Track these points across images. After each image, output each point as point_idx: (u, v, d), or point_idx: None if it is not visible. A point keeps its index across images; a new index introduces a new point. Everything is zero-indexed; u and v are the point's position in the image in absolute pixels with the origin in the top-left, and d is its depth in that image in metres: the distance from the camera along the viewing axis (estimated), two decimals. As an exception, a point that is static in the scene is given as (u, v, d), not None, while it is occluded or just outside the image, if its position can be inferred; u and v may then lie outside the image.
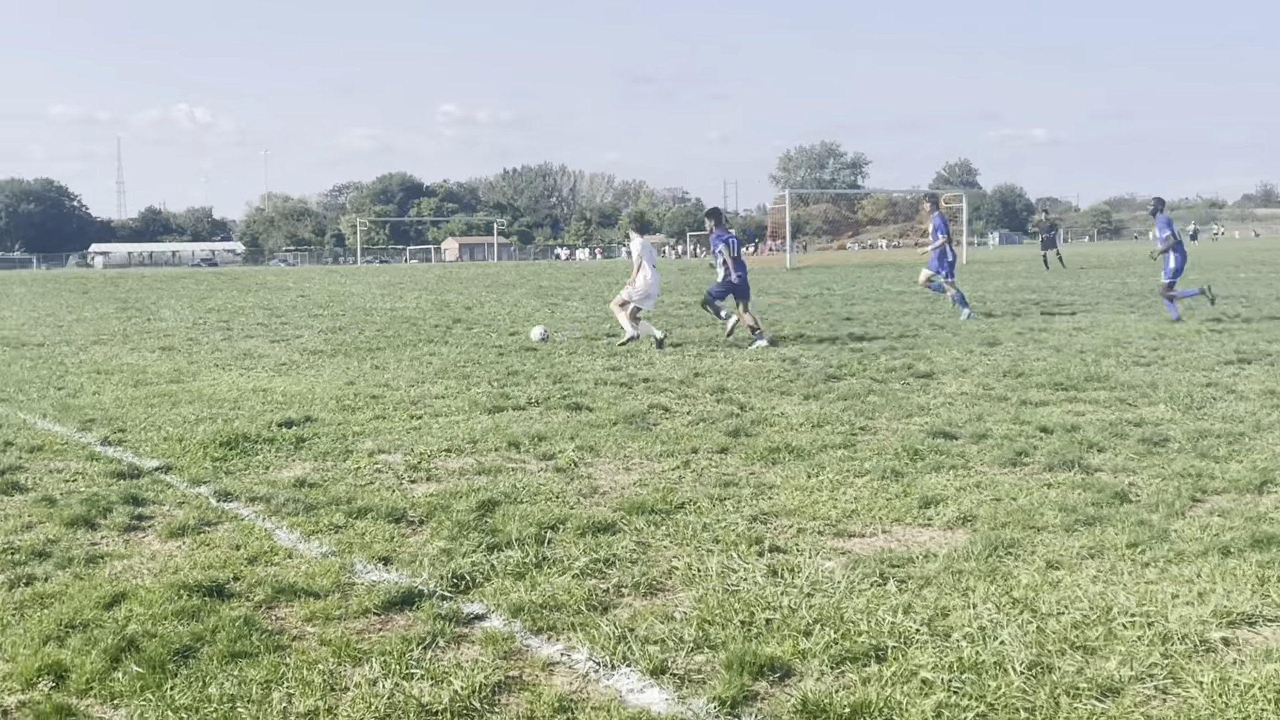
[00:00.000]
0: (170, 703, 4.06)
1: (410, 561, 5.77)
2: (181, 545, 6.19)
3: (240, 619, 4.90)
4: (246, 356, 15.73)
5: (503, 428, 9.41)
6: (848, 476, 7.38)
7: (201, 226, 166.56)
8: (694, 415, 9.87)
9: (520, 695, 4.17)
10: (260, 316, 24.40)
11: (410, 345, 16.77)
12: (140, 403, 11.17)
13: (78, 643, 4.65)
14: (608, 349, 15.55)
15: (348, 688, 4.23)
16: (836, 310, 22.17)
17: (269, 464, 8.22)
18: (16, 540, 6.26)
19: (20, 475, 7.92)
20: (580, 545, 5.95)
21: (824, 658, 4.37)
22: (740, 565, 5.55)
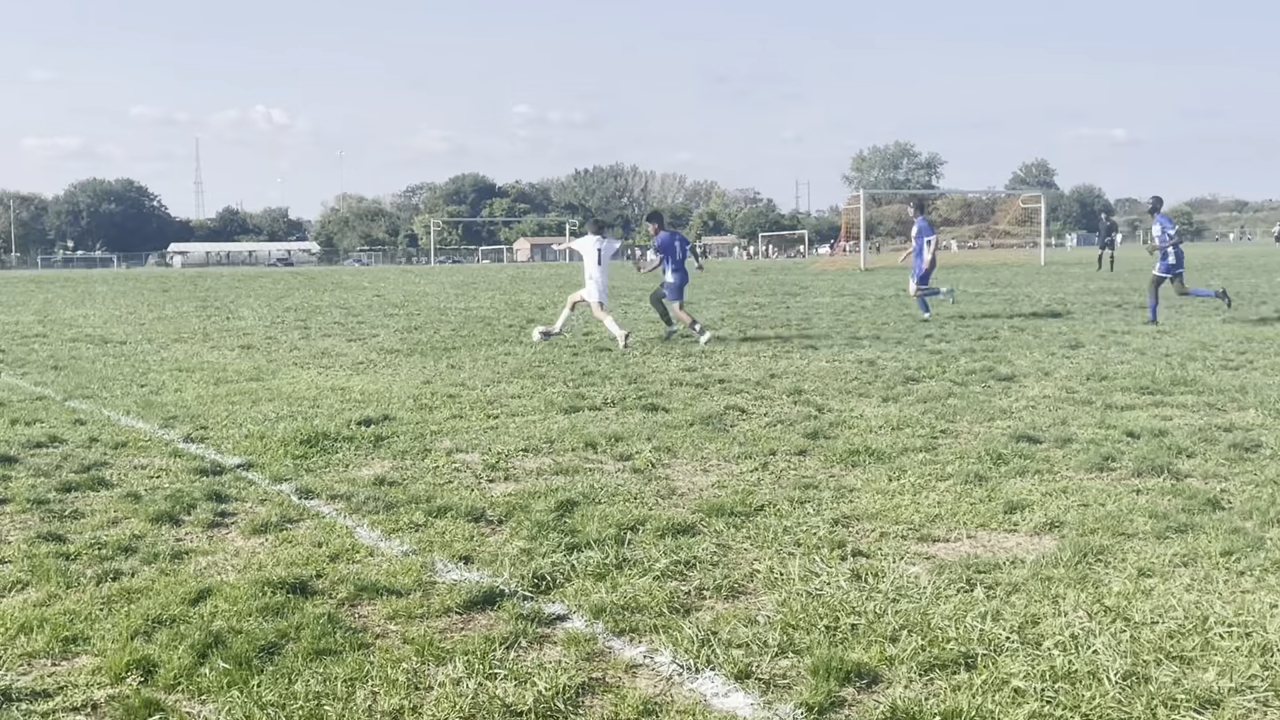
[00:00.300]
0: (257, 699, 4.08)
1: (491, 561, 5.76)
2: (264, 542, 6.23)
3: (324, 616, 4.92)
4: (324, 355, 15.88)
5: (579, 428, 9.40)
6: (930, 480, 7.28)
7: (278, 226, 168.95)
8: (771, 417, 9.80)
9: (604, 697, 4.14)
10: (337, 316, 24.66)
11: (485, 345, 16.84)
12: (221, 400, 11.31)
13: (165, 638, 4.69)
14: (682, 349, 15.50)
15: (431, 687, 4.22)
16: (913, 312, 21.94)
17: (348, 462, 8.27)
18: (103, 536, 6.35)
19: (106, 471, 8.04)
20: (660, 547, 5.91)
21: (912, 664, 4.30)
22: (823, 569, 5.48)
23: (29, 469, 8.11)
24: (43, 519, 6.76)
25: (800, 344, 16.10)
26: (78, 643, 4.71)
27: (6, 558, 5.95)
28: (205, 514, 6.78)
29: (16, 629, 4.83)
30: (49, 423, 10.04)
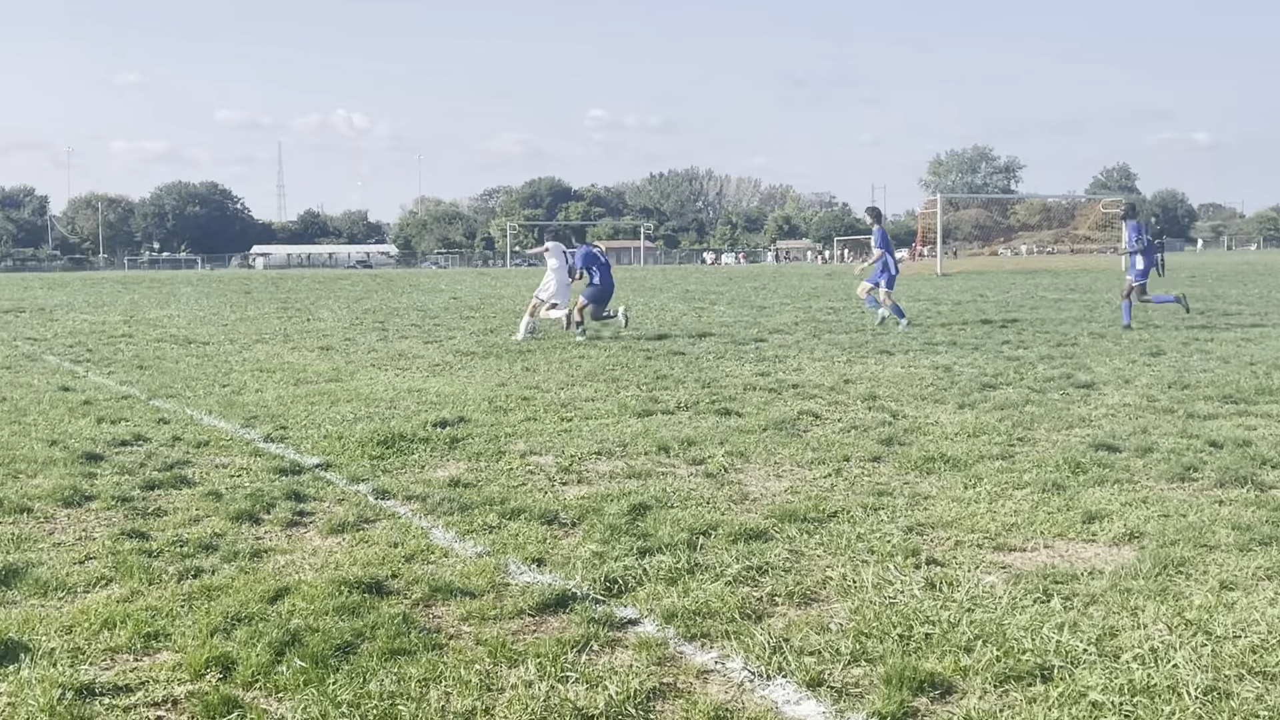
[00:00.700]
0: (332, 698, 4.14)
1: (563, 564, 5.79)
2: (341, 542, 6.31)
3: (399, 616, 4.97)
4: (401, 357, 16.05)
5: (652, 431, 9.41)
6: (1006, 488, 7.19)
7: (357, 229, 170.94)
8: (845, 422, 9.74)
9: (675, 703, 4.15)
10: (414, 318, 24.90)
11: (559, 348, 16.91)
12: (301, 401, 11.47)
13: (243, 635, 4.76)
14: (755, 354, 15.47)
15: (504, 688, 4.25)
16: (990, 317, 21.71)
17: (424, 463, 8.35)
18: (185, 533, 6.47)
19: (188, 470, 8.19)
20: (732, 552, 5.90)
21: (987, 675, 4.25)
22: (897, 577, 5.44)
23: (114, 467, 8.29)
24: (127, 516, 6.90)
25: (875, 349, 15.99)
26: (159, 639, 4.80)
27: (92, 554, 6.08)
28: (284, 513, 6.89)
29: (100, 624, 4.94)
30: (134, 421, 10.25)
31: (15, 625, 4.94)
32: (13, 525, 6.69)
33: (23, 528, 6.63)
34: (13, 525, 6.69)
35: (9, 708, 4.11)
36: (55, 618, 5.07)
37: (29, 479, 7.90)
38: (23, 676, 4.36)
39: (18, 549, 6.17)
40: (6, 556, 6.01)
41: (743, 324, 21.25)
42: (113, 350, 17.85)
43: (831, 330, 19.50)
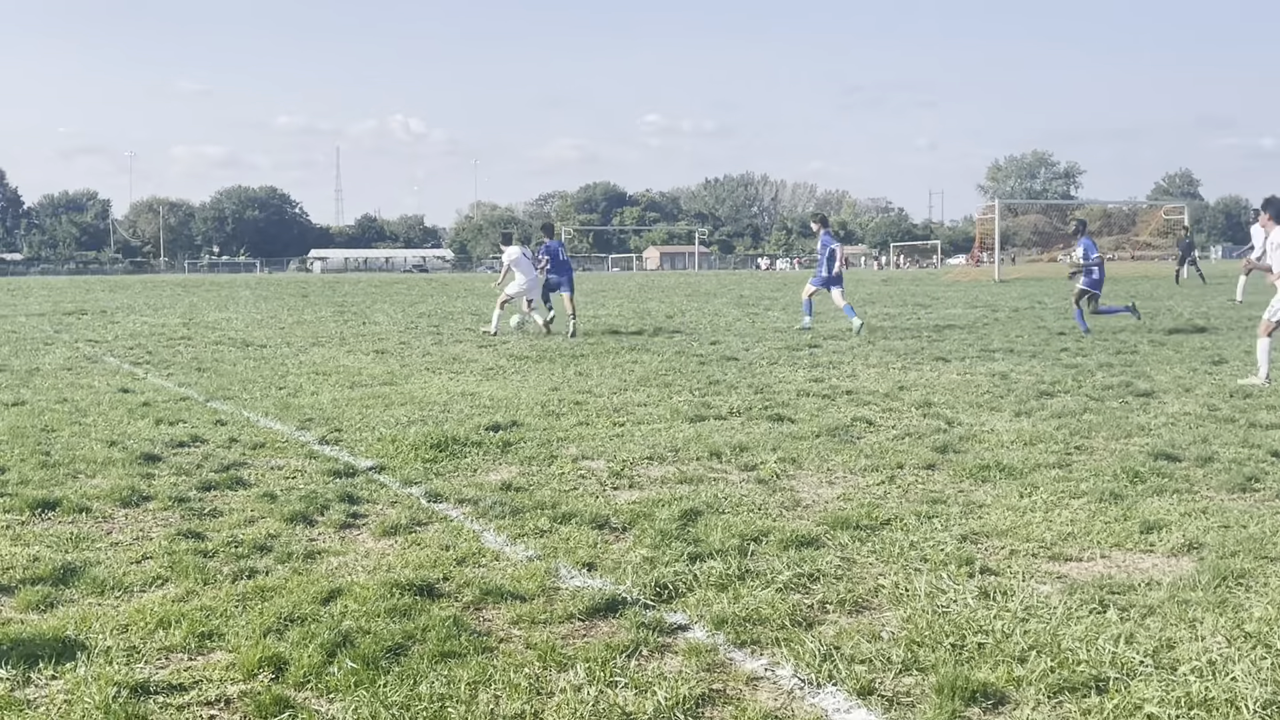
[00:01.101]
0: (383, 699, 4.15)
1: (614, 568, 5.79)
2: (394, 544, 6.35)
3: (449, 619, 4.99)
4: (455, 361, 16.13)
5: (704, 437, 9.39)
6: (1063, 497, 7.11)
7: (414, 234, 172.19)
8: (899, 429, 9.67)
9: (724, 709, 4.13)
10: (469, 322, 25.02)
11: (612, 353, 16.93)
12: (355, 404, 11.56)
13: (296, 636, 4.80)
14: (810, 359, 15.39)
15: (553, 692, 4.25)
16: (1048, 324, 21.49)
17: (477, 467, 8.38)
18: (240, 534, 6.53)
19: (244, 471, 8.27)
20: (783, 559, 5.87)
21: (1040, 686, 4.20)
22: (950, 586, 5.39)
23: (171, 467, 8.39)
24: (183, 517, 6.98)
25: (931, 356, 15.87)
26: (213, 638, 4.85)
27: (148, 554, 6.15)
28: (338, 515, 6.94)
29: (155, 624, 4.99)
30: (191, 423, 10.37)
31: (72, 624, 5.01)
32: (72, 525, 6.79)
33: (81, 527, 6.72)
34: (72, 525, 6.79)
35: (65, 705, 4.17)
36: (112, 616, 5.13)
37: (88, 479, 8.02)
38: (79, 675, 4.41)
39: (76, 548, 6.26)
40: (65, 556, 6.09)
41: (797, 329, 21.17)
42: (171, 352, 18.08)
43: (886, 336, 19.37)
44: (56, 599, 5.40)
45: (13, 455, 8.75)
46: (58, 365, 15.75)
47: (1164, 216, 76.33)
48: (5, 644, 4.73)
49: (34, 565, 5.92)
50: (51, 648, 4.69)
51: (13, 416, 10.78)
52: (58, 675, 4.45)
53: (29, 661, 4.55)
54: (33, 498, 7.28)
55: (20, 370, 15.05)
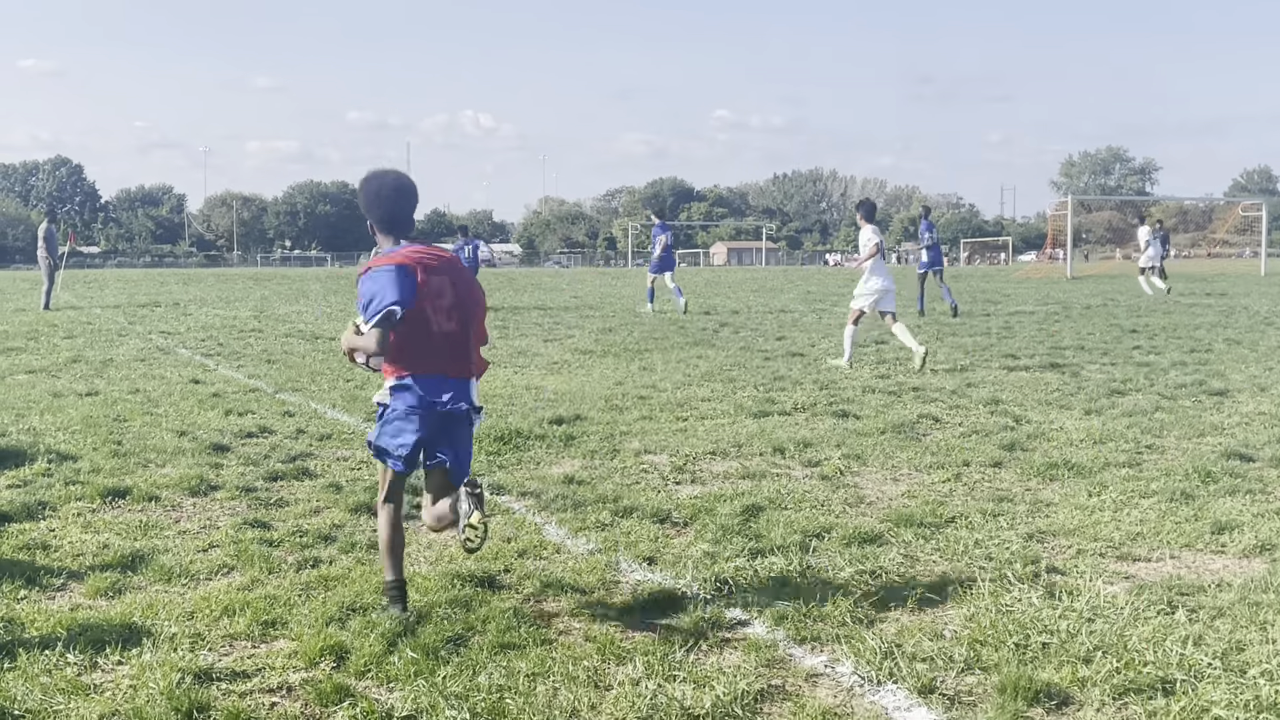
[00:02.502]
0: (442, 689, 4.17)
1: (674, 563, 5.77)
2: (455, 535, 6.37)
3: (510, 611, 5.00)
4: (521, 355, 16.19)
5: (768, 432, 9.35)
6: (1132, 497, 6.99)
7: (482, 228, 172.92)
8: (966, 427, 9.57)
9: (783, 705, 4.10)
10: (534, 316, 25.12)
11: (677, 348, 16.91)
12: (421, 396, 11.61)
13: (358, 626, 4.84)
14: (876, 357, 15.27)
15: (611, 686, 4.25)
16: (1120, 322, 21.16)
17: (540, 460, 8.41)
18: (305, 524, 6.60)
19: (310, 462, 8.35)
20: (846, 555, 5.83)
21: (1105, 688, 4.12)
22: (1014, 585, 5.31)
23: (240, 458, 8.50)
24: (250, 506, 7.07)
25: (999, 353, 15.68)
26: (276, 627, 4.90)
27: (215, 543, 6.23)
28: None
29: (220, 611, 5.06)
30: (260, 414, 10.50)
31: (139, 610, 5.09)
32: (141, 513, 6.89)
33: (150, 515, 6.83)
34: (141, 513, 6.89)
35: (131, 690, 4.23)
36: (178, 604, 5.20)
37: (158, 468, 8.14)
38: (144, 660, 4.48)
39: (145, 536, 6.36)
40: (134, 543, 6.19)
41: (863, 326, 21.01)
42: (242, 345, 18.31)
43: (955, 333, 19.18)
44: (124, 585, 5.49)
45: (85, 444, 8.90)
46: (131, 356, 16.02)
47: (1241, 213, 74.93)
48: (74, 629, 4.82)
49: (103, 552, 6.02)
50: (118, 633, 4.77)
51: (86, 406, 10.97)
52: (124, 661, 4.52)
53: (96, 646, 4.63)
54: (104, 486, 7.40)
55: (95, 361, 15.32)
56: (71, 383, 12.96)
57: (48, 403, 11.25)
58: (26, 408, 10.90)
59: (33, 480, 7.71)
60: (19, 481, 7.68)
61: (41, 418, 10.26)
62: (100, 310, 27.42)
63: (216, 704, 4.10)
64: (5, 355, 16.22)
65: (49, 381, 13.10)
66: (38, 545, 6.16)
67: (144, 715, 3.97)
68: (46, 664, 4.46)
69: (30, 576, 5.58)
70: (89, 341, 18.63)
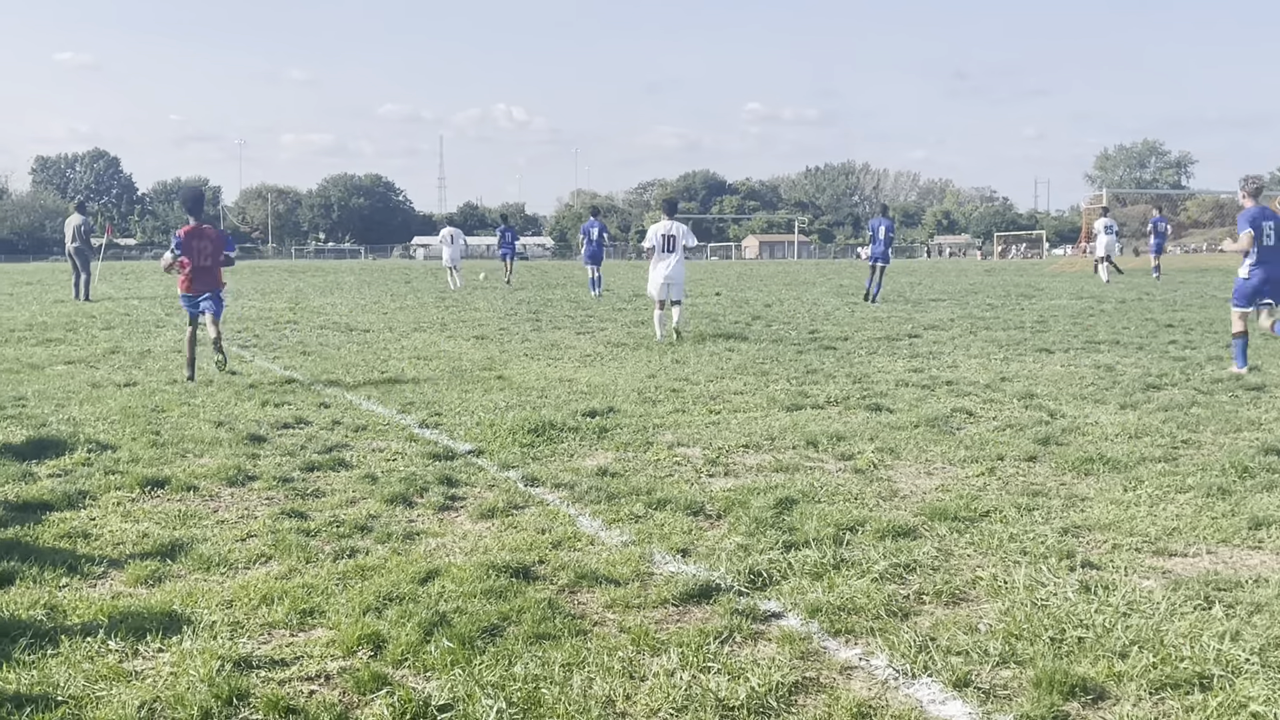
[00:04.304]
0: (478, 679, 4.21)
1: (708, 555, 5.79)
2: (491, 526, 6.42)
3: (544, 602, 5.03)
4: (554, 347, 16.22)
5: (801, 426, 9.35)
6: (1168, 492, 6.95)
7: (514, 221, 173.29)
8: (1000, 421, 9.54)
9: (817, 697, 4.11)
10: (567, 309, 25.14)
11: (709, 340, 16.90)
12: (455, 388, 11.69)
13: (394, 615, 4.88)
14: (910, 349, 15.23)
15: (646, 676, 4.27)
16: (1156, 316, 21.00)
17: (573, 452, 8.44)
18: (342, 514, 6.65)
19: (346, 453, 8.42)
20: (879, 549, 5.83)
21: (1141, 682, 4.12)
22: (1050, 579, 5.30)
23: (276, 448, 8.57)
24: (287, 496, 7.13)
25: (1034, 347, 15.60)
26: (314, 616, 4.95)
27: (253, 532, 6.30)
28: (436, 497, 7.03)
29: (259, 600, 5.11)
30: (296, 405, 10.58)
31: (179, 598, 5.15)
32: (180, 502, 6.97)
33: (189, 505, 6.90)
34: (180, 502, 6.97)
35: (171, 677, 4.28)
36: (217, 592, 5.26)
37: (196, 458, 8.22)
38: (185, 648, 4.54)
39: (184, 525, 6.43)
40: (173, 532, 6.26)
41: (896, 319, 20.96)
42: (278, 336, 18.44)
43: (989, 327, 19.09)
44: (164, 574, 5.56)
45: (124, 434, 9.00)
46: (168, 348, 16.14)
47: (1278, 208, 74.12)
48: (115, 616, 4.88)
49: (143, 541, 6.09)
50: (159, 621, 4.82)
51: (125, 397, 11.08)
52: (164, 648, 4.58)
53: (137, 634, 4.69)
54: (143, 475, 7.49)
55: (133, 352, 15.46)
56: (110, 373, 13.09)
57: (87, 393, 11.37)
58: (66, 398, 11.03)
59: (73, 469, 7.81)
60: (60, 471, 7.78)
61: (81, 408, 10.38)
62: (137, 302, 27.63)
63: (256, 691, 4.15)
64: (45, 346, 16.40)
65: (88, 372, 13.24)
66: (79, 534, 6.24)
67: (185, 702, 4.03)
68: (89, 651, 4.52)
69: (72, 564, 5.65)
70: (127, 332, 18.80)
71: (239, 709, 4.03)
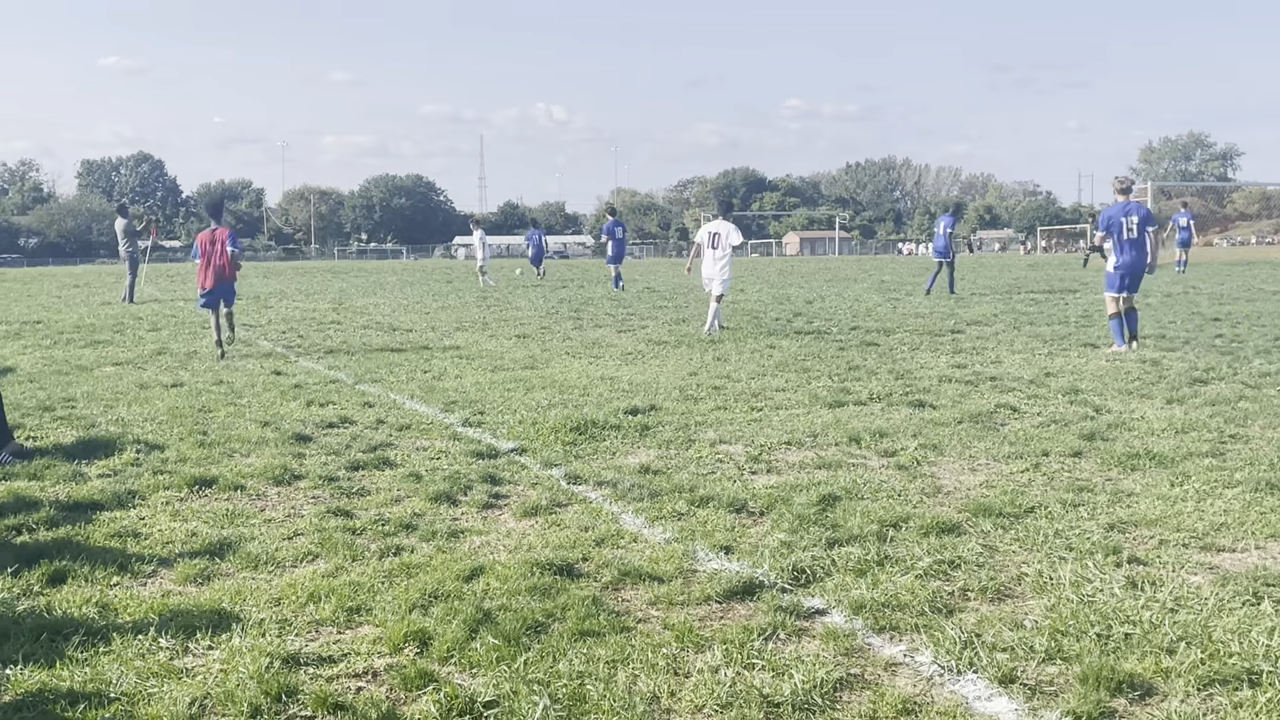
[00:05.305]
0: (523, 675, 4.23)
1: (751, 552, 5.79)
2: (534, 524, 6.45)
3: (588, 599, 5.05)
4: (595, 345, 16.26)
5: (843, 422, 9.32)
6: (1216, 487, 6.89)
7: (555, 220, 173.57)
8: (1044, 416, 9.47)
9: (862, 694, 4.11)
10: (608, 307, 25.18)
11: (751, 338, 16.89)
12: (498, 387, 11.74)
13: (440, 612, 4.92)
14: (952, 344, 15.15)
15: (690, 673, 4.28)
16: (1203, 310, 20.79)
17: (615, 450, 8.46)
18: (387, 513, 6.71)
19: (390, 452, 8.47)
20: (923, 545, 5.81)
21: (1190, 678, 4.09)
22: (1096, 575, 5.27)
23: (322, 448, 8.64)
24: (333, 495, 7.19)
25: (1078, 342, 15.49)
26: (360, 613, 4.99)
27: (300, 531, 6.36)
28: (480, 495, 7.07)
29: (306, 598, 5.16)
30: (340, 405, 10.66)
31: (228, 596, 5.21)
32: (227, 501, 7.05)
33: (236, 504, 6.97)
34: (227, 501, 7.05)
35: (221, 674, 4.33)
36: (265, 590, 5.32)
37: (243, 458, 8.30)
38: (234, 645, 4.59)
39: (232, 524, 6.50)
40: (221, 531, 6.33)
41: (939, 315, 20.85)
42: (322, 336, 18.57)
43: (1033, 322, 18.96)
44: (213, 572, 5.62)
45: (172, 434, 9.10)
46: (214, 350, 16.30)
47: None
48: (165, 614, 4.94)
49: (192, 540, 6.17)
50: (208, 619, 4.88)
51: (172, 397, 11.21)
52: (214, 645, 4.63)
53: (187, 632, 4.75)
54: (191, 475, 7.58)
55: (179, 353, 15.63)
56: (157, 374, 13.25)
57: (134, 394, 11.51)
58: (114, 399, 11.17)
59: (122, 470, 7.91)
60: (109, 471, 7.89)
61: (129, 408, 10.52)
62: (183, 303, 27.90)
63: (304, 688, 4.20)
64: (93, 347, 16.61)
65: (135, 373, 13.39)
66: (129, 533, 6.32)
67: (235, 698, 4.08)
68: (140, 648, 4.59)
69: (122, 563, 5.73)
70: (173, 334, 19.00)
71: (288, 706, 4.07)
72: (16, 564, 5.67)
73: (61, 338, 18.37)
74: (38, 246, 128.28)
